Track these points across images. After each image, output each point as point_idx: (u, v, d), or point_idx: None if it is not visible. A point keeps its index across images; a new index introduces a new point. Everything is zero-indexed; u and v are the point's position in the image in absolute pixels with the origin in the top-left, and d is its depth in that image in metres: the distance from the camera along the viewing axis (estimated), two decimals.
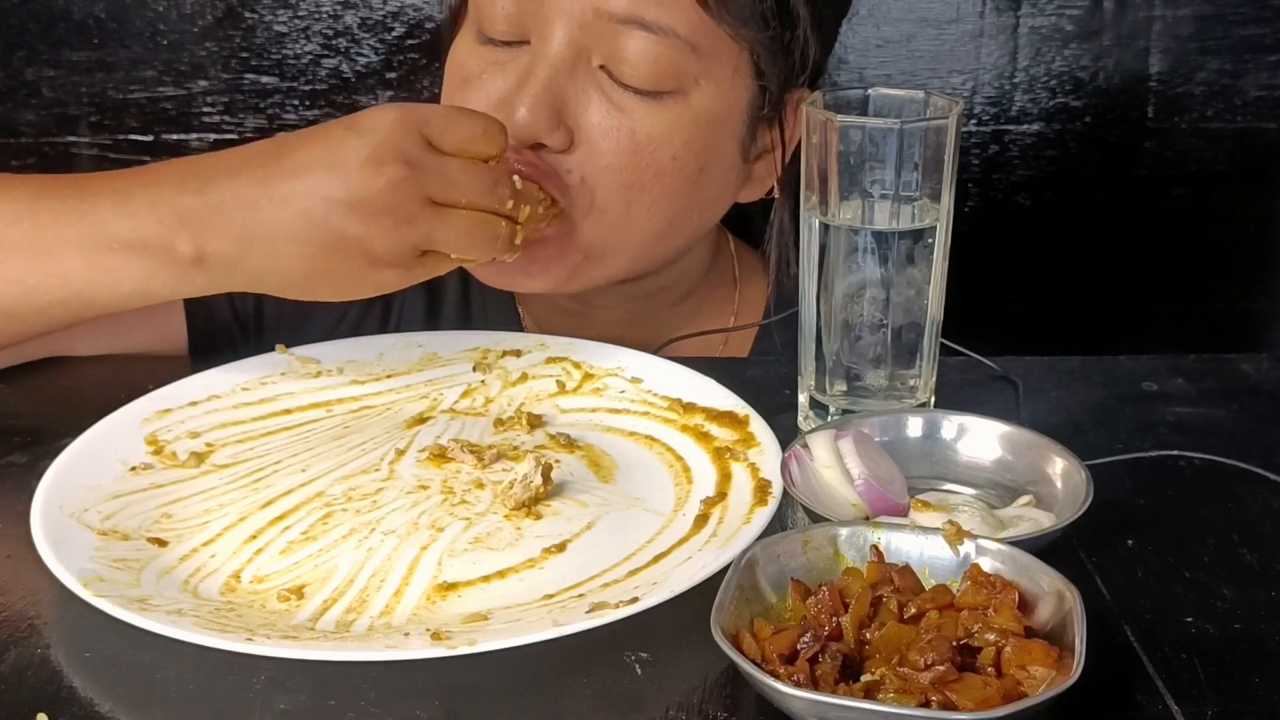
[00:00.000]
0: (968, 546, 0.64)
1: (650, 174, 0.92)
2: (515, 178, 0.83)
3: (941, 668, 0.56)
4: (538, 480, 0.76)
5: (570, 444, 0.83)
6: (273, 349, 0.91)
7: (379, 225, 0.76)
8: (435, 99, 1.35)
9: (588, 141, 0.91)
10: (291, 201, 0.77)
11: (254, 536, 0.73)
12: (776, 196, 1.01)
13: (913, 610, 0.60)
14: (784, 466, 0.73)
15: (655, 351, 0.93)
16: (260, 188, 0.78)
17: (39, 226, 0.81)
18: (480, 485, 0.78)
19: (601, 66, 0.91)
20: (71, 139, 1.38)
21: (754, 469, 0.77)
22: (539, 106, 0.89)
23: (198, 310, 1.00)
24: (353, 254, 0.77)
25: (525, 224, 0.84)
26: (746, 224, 1.11)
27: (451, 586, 0.69)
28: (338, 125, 0.79)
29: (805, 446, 0.74)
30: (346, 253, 0.77)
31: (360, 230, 0.77)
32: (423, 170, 0.77)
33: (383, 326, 1.06)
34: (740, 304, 1.09)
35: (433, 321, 1.07)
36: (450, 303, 1.08)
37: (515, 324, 1.07)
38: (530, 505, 0.75)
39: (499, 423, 0.86)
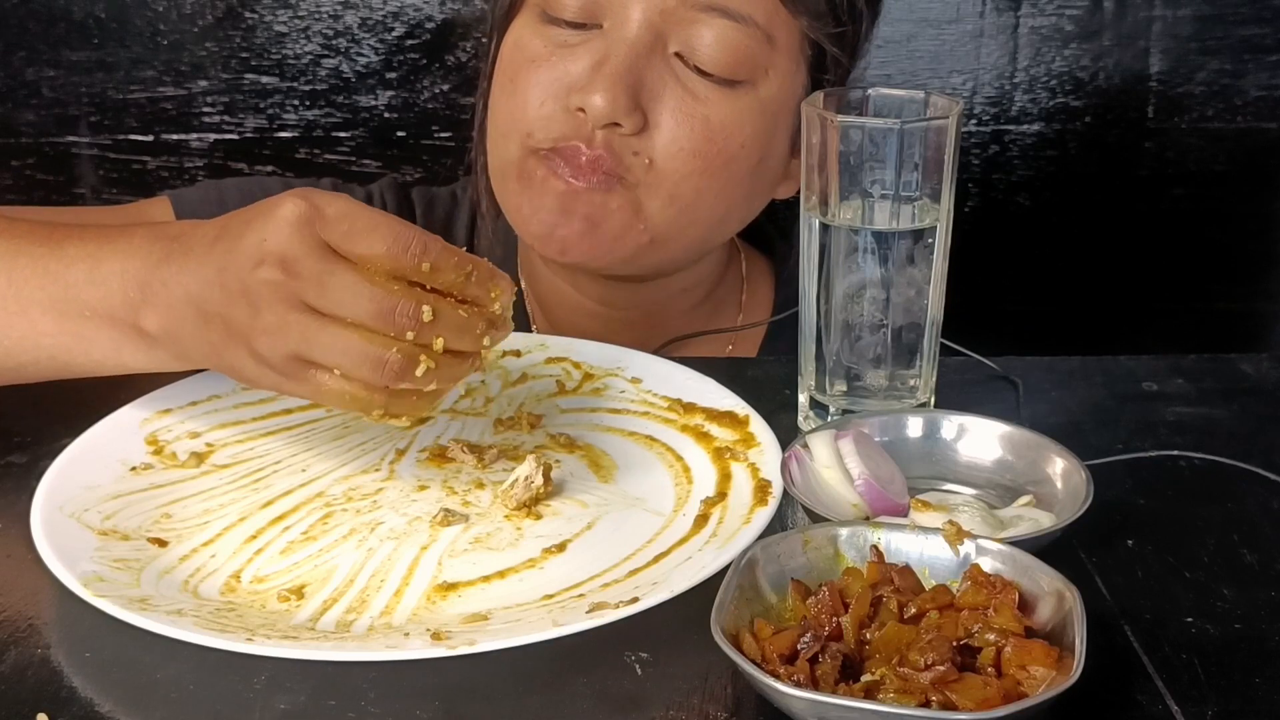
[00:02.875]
0: (968, 546, 0.64)
1: (720, 161, 0.93)
2: (426, 308, 0.69)
3: (941, 668, 0.56)
4: (539, 480, 0.76)
5: (570, 444, 0.83)
6: None
7: (256, 325, 0.70)
8: (434, 98, 1.36)
9: (663, 126, 0.92)
10: (206, 283, 0.72)
11: (254, 536, 0.73)
12: None
13: (913, 610, 0.60)
14: (784, 466, 0.73)
15: (655, 351, 0.93)
16: (195, 263, 0.73)
17: (13, 285, 0.78)
18: (480, 485, 0.78)
19: (676, 53, 0.91)
20: (71, 139, 1.38)
21: (754, 469, 0.77)
22: (618, 89, 0.90)
23: None
24: (240, 348, 0.72)
25: (437, 362, 0.70)
26: (752, 227, 1.11)
27: (451, 586, 0.69)
28: (258, 208, 0.72)
29: (805, 446, 0.74)
30: (237, 344, 0.72)
31: (243, 325, 0.71)
32: (298, 277, 0.69)
33: None
34: (747, 306, 1.10)
35: None
36: None
37: (524, 324, 1.07)
38: (530, 505, 0.75)
39: (499, 423, 0.86)
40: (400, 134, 1.37)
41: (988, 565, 0.63)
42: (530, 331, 1.08)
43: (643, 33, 0.91)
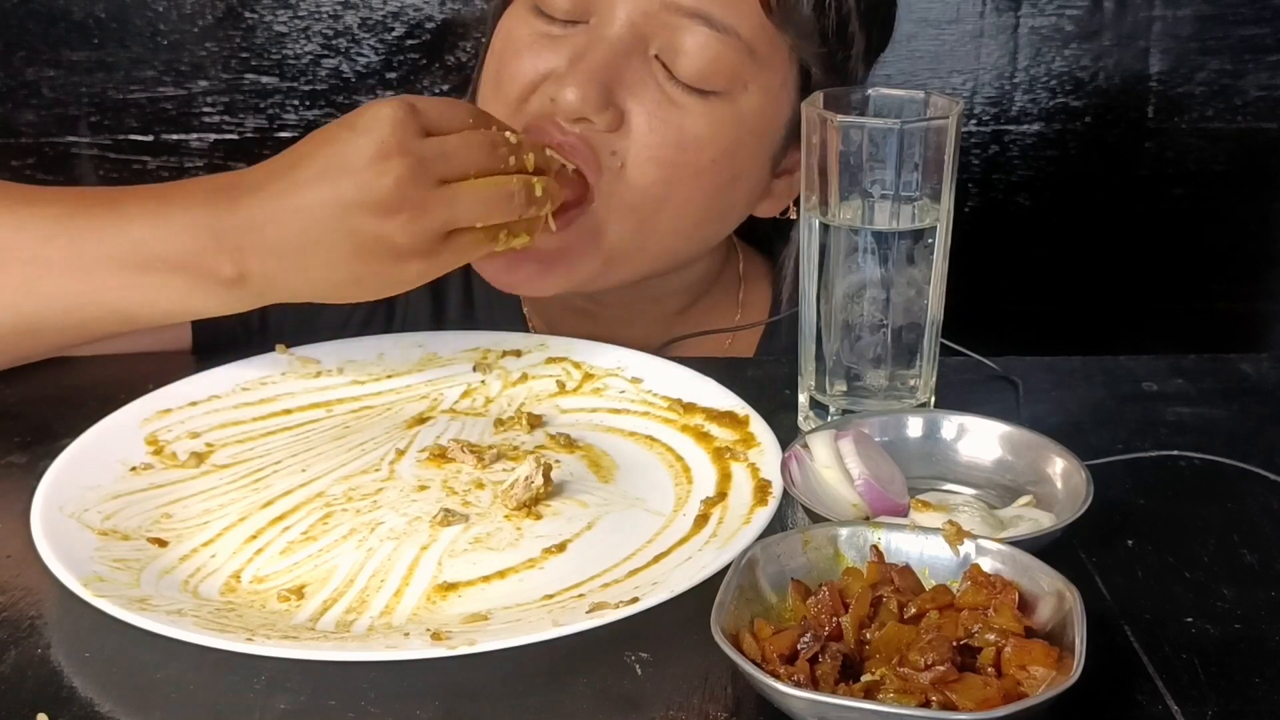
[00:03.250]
0: (968, 546, 0.64)
1: (688, 173, 0.92)
2: (509, 133, 0.83)
3: (941, 668, 0.56)
4: (539, 480, 0.76)
5: (570, 444, 0.83)
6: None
7: (396, 220, 0.77)
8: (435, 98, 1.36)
9: (636, 129, 0.91)
10: (311, 212, 0.78)
11: (254, 536, 0.73)
12: (794, 218, 1.01)
13: (913, 610, 0.60)
14: (784, 466, 0.73)
15: (656, 351, 0.93)
16: (281, 201, 0.79)
17: (75, 243, 0.82)
18: (480, 485, 0.78)
19: (656, 57, 0.91)
20: (71, 139, 1.38)
21: (754, 469, 0.77)
22: (590, 84, 0.89)
23: (206, 341, 1.00)
24: (377, 253, 0.78)
25: (546, 181, 0.84)
26: (749, 226, 1.11)
27: (451, 586, 0.69)
28: (339, 127, 0.80)
29: (805, 446, 0.74)
30: (371, 253, 0.78)
31: (379, 229, 0.77)
32: (425, 156, 0.78)
33: (387, 328, 1.06)
34: (744, 307, 1.10)
35: (438, 322, 1.07)
36: (454, 303, 1.08)
37: (520, 324, 1.07)
38: (530, 505, 0.75)
39: (499, 423, 0.86)
40: None
41: (988, 565, 0.63)
42: (525, 330, 1.08)
43: (624, 32, 0.91)
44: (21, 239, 0.83)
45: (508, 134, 0.83)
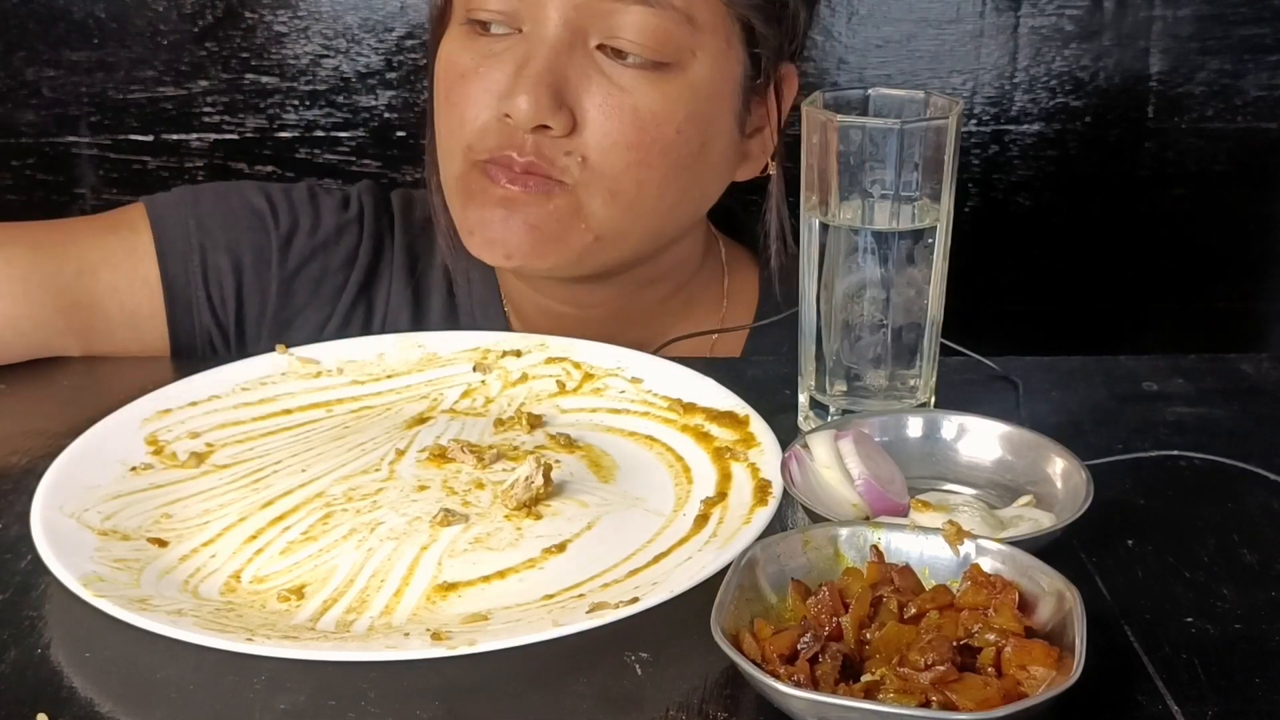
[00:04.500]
0: (968, 546, 0.64)
1: (656, 150, 0.93)
2: None
3: (942, 668, 0.56)
4: (539, 480, 0.76)
5: (570, 444, 0.83)
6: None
7: None
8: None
9: (591, 122, 0.91)
10: None
11: (254, 536, 0.73)
12: (772, 174, 1.02)
13: (913, 610, 0.60)
14: (784, 466, 0.73)
15: (654, 352, 0.93)
16: None
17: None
18: (480, 485, 0.78)
19: (599, 46, 0.91)
20: (71, 139, 1.38)
21: (754, 469, 0.77)
22: (539, 90, 0.90)
23: (180, 319, 1.01)
24: None
25: None
26: (731, 221, 1.11)
27: (451, 586, 0.69)
28: None
29: (805, 446, 0.74)
30: None
31: None
32: None
33: (366, 332, 1.05)
34: (729, 298, 1.09)
35: (419, 326, 1.07)
36: (436, 306, 1.08)
37: (502, 326, 1.07)
38: (530, 505, 0.75)
39: (499, 423, 0.86)
40: (400, 134, 1.37)
41: (988, 565, 0.63)
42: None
43: (560, 31, 0.91)
44: None
45: None
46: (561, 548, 0.72)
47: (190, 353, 1.00)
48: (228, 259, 1.02)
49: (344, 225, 1.06)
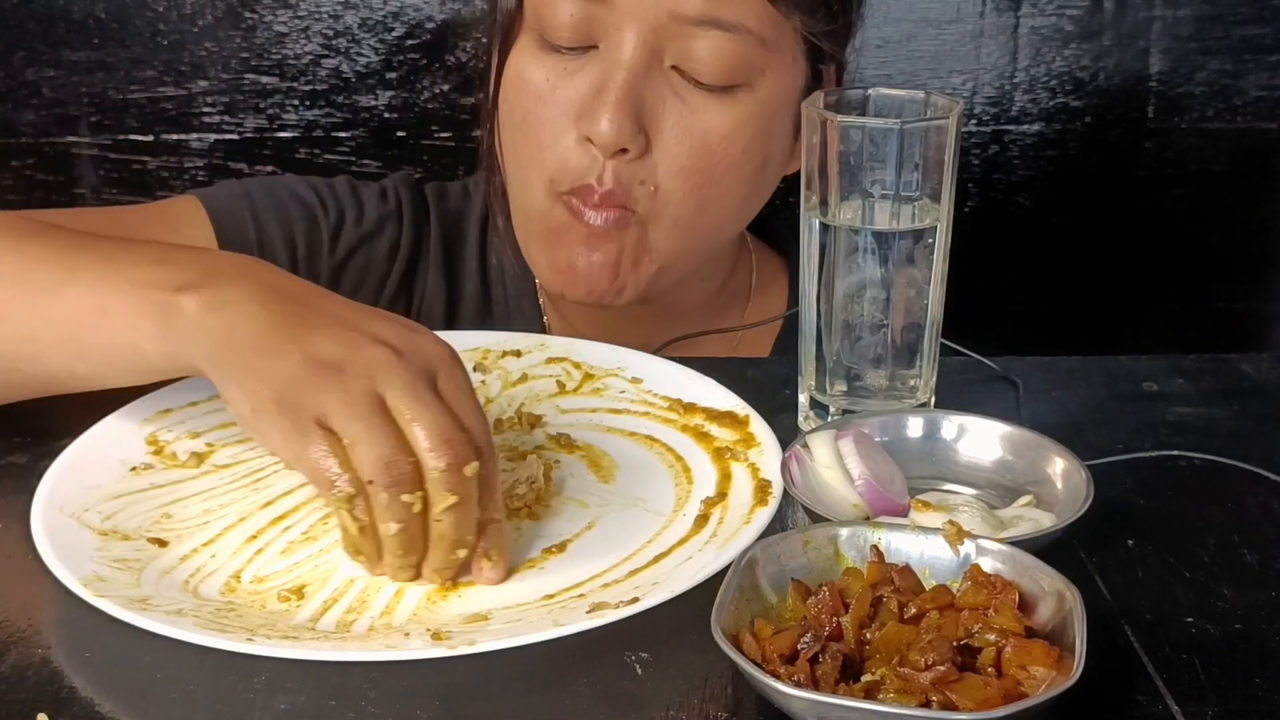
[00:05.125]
0: (968, 546, 0.64)
1: (720, 171, 0.94)
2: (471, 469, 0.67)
3: (942, 668, 0.56)
4: (540, 480, 0.76)
5: (570, 444, 0.83)
6: None
7: (331, 377, 0.67)
8: (435, 98, 1.36)
9: (664, 146, 0.93)
10: (286, 307, 0.71)
11: (254, 536, 0.73)
12: None
13: (913, 610, 0.60)
14: (784, 466, 0.73)
15: (655, 351, 0.93)
16: (274, 287, 0.72)
17: (64, 264, 0.76)
18: None
19: (673, 67, 0.92)
20: (71, 139, 1.38)
21: (754, 469, 0.77)
22: (621, 112, 0.90)
23: None
24: (293, 376, 0.67)
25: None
26: (758, 220, 1.11)
27: (452, 587, 0.69)
28: (393, 325, 0.71)
29: (805, 446, 0.74)
30: (289, 371, 0.68)
31: (318, 355, 0.68)
32: (408, 364, 0.67)
33: None
34: (756, 303, 1.10)
35: (453, 317, 1.07)
36: (470, 298, 1.08)
37: (538, 322, 1.07)
38: (531, 505, 0.75)
39: (499, 423, 0.86)
40: (400, 134, 1.37)
41: (988, 565, 0.63)
42: (543, 327, 1.08)
43: (638, 53, 0.91)
44: (16, 259, 0.77)
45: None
46: (561, 548, 0.72)
47: None
48: (285, 250, 1.03)
49: (385, 216, 1.07)
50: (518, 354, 0.93)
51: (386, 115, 1.37)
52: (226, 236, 1.00)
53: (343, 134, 1.37)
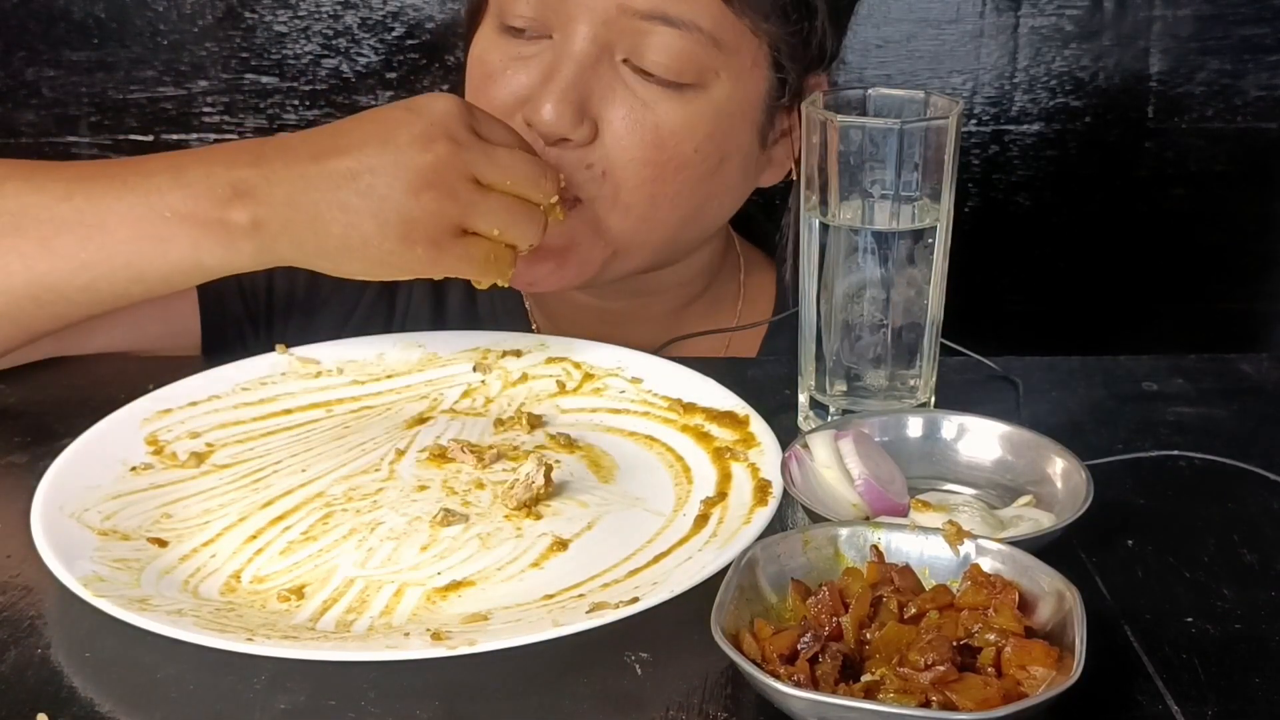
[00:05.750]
0: (968, 546, 0.64)
1: (673, 167, 0.93)
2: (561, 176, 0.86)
3: (942, 668, 0.56)
4: (539, 480, 0.76)
5: (570, 444, 0.83)
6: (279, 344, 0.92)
7: (421, 198, 0.79)
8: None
9: (612, 135, 0.92)
10: (341, 173, 0.80)
11: (254, 536, 0.73)
12: (795, 179, 1.02)
13: (913, 610, 0.60)
14: (784, 466, 0.73)
15: (656, 351, 0.93)
16: (312, 162, 0.81)
17: (91, 199, 0.82)
18: (480, 485, 0.78)
19: (625, 60, 0.92)
20: (71, 139, 1.38)
21: (754, 469, 0.77)
22: (564, 102, 0.90)
23: (210, 304, 1.00)
24: (390, 224, 0.79)
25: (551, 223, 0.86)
26: (749, 224, 1.11)
27: (452, 587, 0.69)
28: (395, 106, 0.83)
29: (805, 446, 0.74)
30: (385, 222, 0.79)
31: (402, 202, 0.79)
32: (469, 150, 0.81)
33: (388, 325, 1.06)
34: (745, 302, 1.10)
35: (438, 320, 1.07)
36: (456, 303, 1.08)
37: (524, 323, 1.07)
38: (530, 505, 0.75)
39: (499, 423, 0.86)
40: None
41: (988, 565, 0.63)
42: (530, 329, 1.08)
43: (587, 44, 0.91)
44: (39, 200, 0.82)
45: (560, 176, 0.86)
46: (562, 547, 0.72)
47: (220, 344, 1.00)
48: None
49: None
50: (518, 354, 0.93)
51: None
52: None
53: None
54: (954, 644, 0.58)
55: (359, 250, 0.80)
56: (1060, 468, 0.73)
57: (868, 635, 0.59)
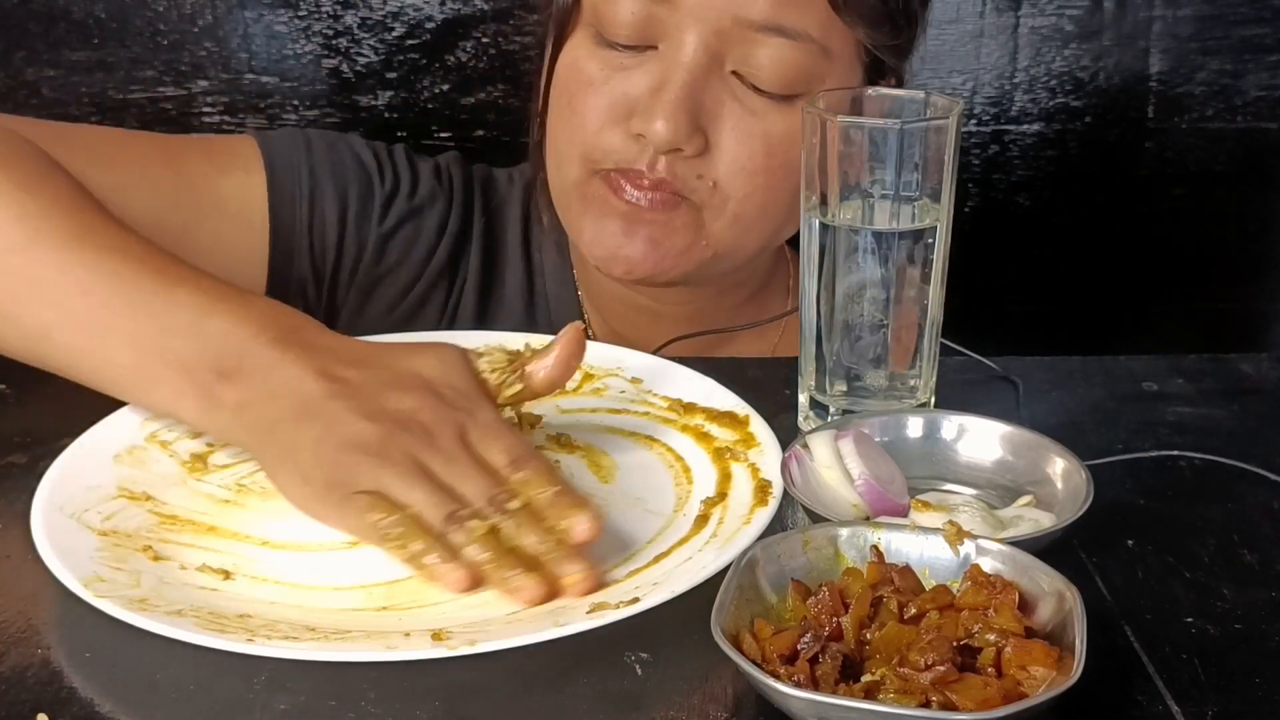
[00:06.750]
0: (968, 547, 0.64)
1: (781, 174, 0.94)
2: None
3: (942, 668, 0.56)
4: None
5: (570, 444, 0.83)
6: None
7: (385, 438, 0.70)
8: (435, 98, 1.36)
9: (723, 147, 0.93)
10: (320, 381, 0.72)
11: (254, 536, 0.73)
12: None
13: (913, 610, 0.60)
14: (784, 466, 0.73)
15: (655, 352, 0.93)
16: (310, 358, 0.73)
17: (107, 308, 0.76)
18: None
19: (734, 72, 0.92)
20: None
21: (754, 469, 0.77)
22: (678, 114, 0.90)
23: (280, 264, 1.01)
24: (336, 452, 0.70)
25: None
26: None
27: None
28: (404, 349, 0.76)
29: (805, 446, 0.74)
30: (333, 447, 0.70)
31: (360, 434, 0.70)
32: (452, 404, 0.72)
33: (442, 306, 1.07)
34: (794, 296, 1.10)
35: (490, 305, 1.08)
36: (511, 288, 1.08)
37: (577, 312, 1.08)
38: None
39: None
40: (400, 134, 1.37)
41: (988, 565, 0.63)
42: (583, 327, 1.08)
43: (699, 55, 0.91)
44: (62, 282, 0.77)
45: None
46: None
47: (282, 299, 0.99)
48: (335, 209, 1.03)
49: (436, 192, 1.07)
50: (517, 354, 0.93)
51: (386, 115, 1.37)
52: (277, 186, 1.00)
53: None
54: (954, 644, 0.58)
55: (306, 475, 0.71)
56: (1060, 468, 0.73)
57: (868, 635, 0.59)
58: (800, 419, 0.85)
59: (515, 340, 0.93)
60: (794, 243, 1.12)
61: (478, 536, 0.67)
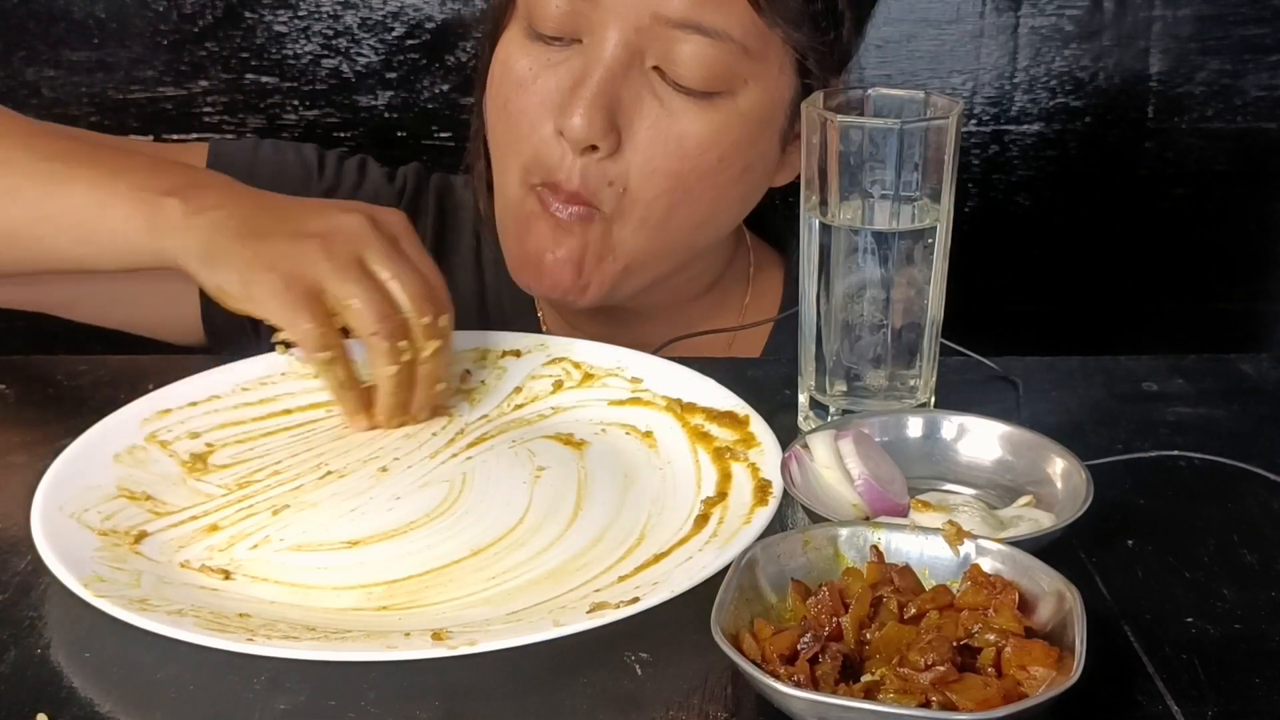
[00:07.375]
0: (968, 547, 0.64)
1: (694, 178, 0.93)
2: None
3: (942, 668, 0.56)
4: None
5: (571, 441, 0.83)
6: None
7: (310, 238, 0.79)
8: (435, 98, 1.36)
9: (637, 146, 0.92)
10: (263, 202, 0.85)
11: (255, 536, 0.73)
12: None
13: (913, 610, 0.60)
14: (784, 466, 0.73)
15: (656, 351, 0.93)
16: (258, 195, 0.86)
17: (68, 162, 0.87)
18: None
19: (655, 67, 0.91)
20: None
21: (754, 469, 0.77)
22: (594, 110, 0.90)
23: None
24: (278, 250, 0.80)
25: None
26: (760, 220, 1.11)
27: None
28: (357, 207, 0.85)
29: (805, 446, 0.74)
30: (274, 245, 0.80)
31: (297, 226, 0.81)
32: (378, 231, 0.81)
33: None
34: (753, 297, 1.10)
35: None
36: (463, 291, 1.08)
37: (534, 322, 1.07)
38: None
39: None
40: (400, 134, 1.37)
41: (988, 565, 0.63)
42: (539, 329, 1.08)
43: (619, 51, 0.91)
44: (25, 156, 0.88)
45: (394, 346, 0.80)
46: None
47: (223, 343, 1.00)
48: None
49: (384, 195, 1.08)
50: (518, 354, 0.93)
51: (386, 115, 1.37)
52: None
53: (343, 134, 1.37)
54: (954, 644, 0.58)
55: (242, 266, 0.80)
56: (1060, 468, 0.73)
57: (868, 635, 0.59)
58: (800, 419, 0.85)
59: (501, 341, 0.94)
60: (762, 233, 1.12)
61: (394, 353, 0.78)
